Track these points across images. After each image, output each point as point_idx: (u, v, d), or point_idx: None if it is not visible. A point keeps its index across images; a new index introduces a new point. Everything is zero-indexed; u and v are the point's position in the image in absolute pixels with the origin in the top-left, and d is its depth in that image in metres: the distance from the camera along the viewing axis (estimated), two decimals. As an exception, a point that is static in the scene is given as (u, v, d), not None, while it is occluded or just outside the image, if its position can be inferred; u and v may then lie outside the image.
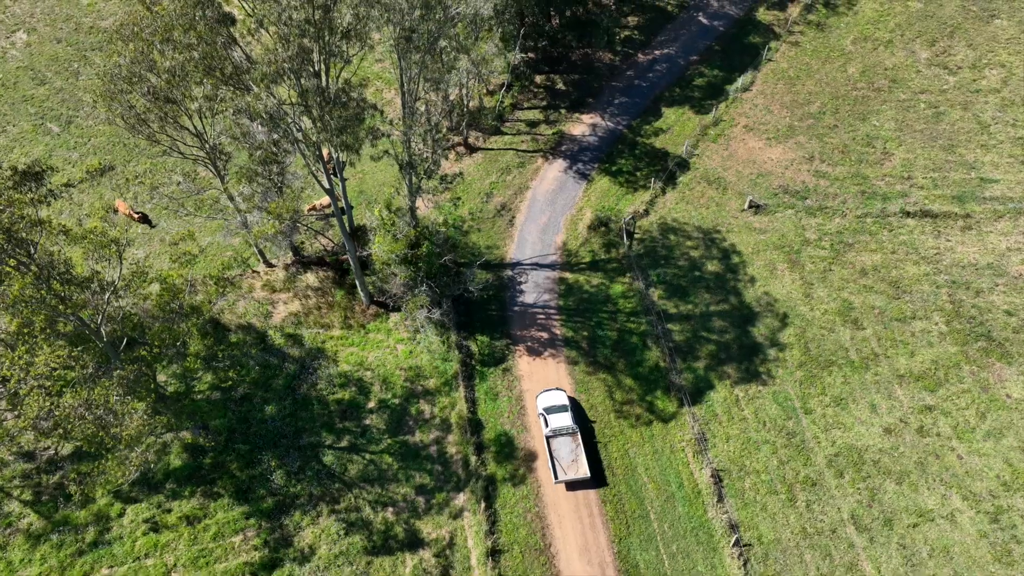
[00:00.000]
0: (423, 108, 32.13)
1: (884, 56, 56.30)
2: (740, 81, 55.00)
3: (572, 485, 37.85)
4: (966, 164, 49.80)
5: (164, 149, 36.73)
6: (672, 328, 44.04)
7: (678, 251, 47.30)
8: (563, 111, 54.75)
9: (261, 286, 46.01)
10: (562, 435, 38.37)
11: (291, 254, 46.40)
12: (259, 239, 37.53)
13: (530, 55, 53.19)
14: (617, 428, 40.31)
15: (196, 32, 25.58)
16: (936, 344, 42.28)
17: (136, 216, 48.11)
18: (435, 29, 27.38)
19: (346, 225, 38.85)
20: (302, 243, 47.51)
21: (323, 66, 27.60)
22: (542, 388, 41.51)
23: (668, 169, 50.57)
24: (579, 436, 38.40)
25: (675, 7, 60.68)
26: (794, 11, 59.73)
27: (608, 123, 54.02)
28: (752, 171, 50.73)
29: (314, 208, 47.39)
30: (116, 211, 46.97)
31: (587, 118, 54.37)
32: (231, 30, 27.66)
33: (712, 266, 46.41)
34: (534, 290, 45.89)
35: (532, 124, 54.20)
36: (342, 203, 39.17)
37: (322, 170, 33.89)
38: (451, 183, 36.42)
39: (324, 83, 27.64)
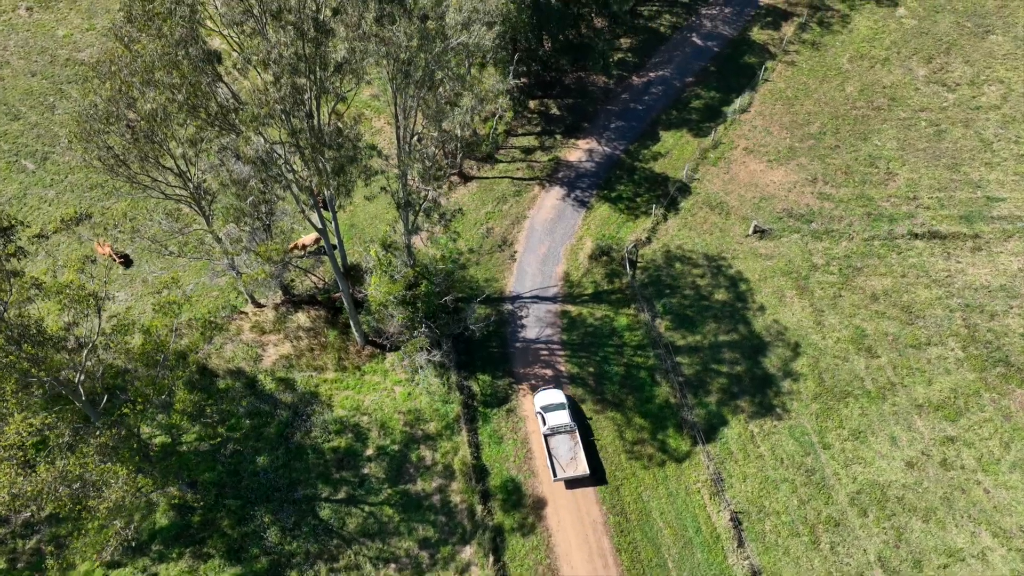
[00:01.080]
0: (419, 142, 30.42)
1: (882, 74, 55.48)
2: (738, 103, 53.90)
3: (571, 483, 37.51)
4: (971, 183, 48.83)
5: (145, 189, 34.67)
6: (681, 361, 42.37)
7: (683, 280, 45.77)
8: (558, 137, 53.32)
9: (250, 327, 43.87)
10: (560, 433, 38.20)
11: (280, 293, 44.34)
12: (249, 285, 35.52)
13: (523, 80, 51.77)
14: (629, 470, 38.44)
15: (179, 71, 23.78)
16: (953, 371, 40.91)
17: (116, 257, 45.93)
18: (433, 61, 25.75)
19: (339, 264, 36.95)
20: (292, 281, 45.49)
21: (315, 103, 25.87)
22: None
23: (669, 195, 49.16)
24: (577, 434, 38.16)
25: (668, 28, 59.67)
26: (788, 30, 58.91)
27: (605, 148, 52.63)
28: (755, 194, 49.45)
29: (298, 247, 45.27)
30: (95, 260, 44.67)
31: (583, 143, 52.97)
32: (217, 68, 25.89)
33: (719, 295, 44.90)
34: (536, 324, 44.11)
35: (527, 151, 52.71)
36: (334, 241, 37.28)
37: (314, 209, 32.03)
38: (451, 219, 34.71)
39: (317, 123, 25.87)
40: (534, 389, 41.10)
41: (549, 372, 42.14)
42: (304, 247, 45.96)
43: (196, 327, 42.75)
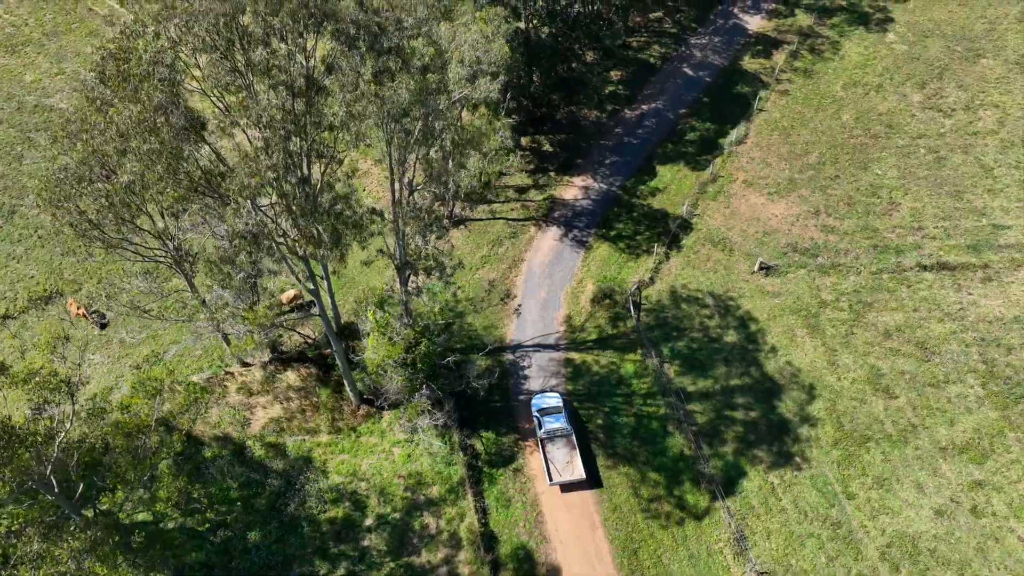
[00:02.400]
0: (414, 195, 28.39)
1: (877, 101, 54.67)
2: (734, 134, 52.70)
3: (568, 487, 37.13)
4: (976, 211, 47.85)
5: (121, 251, 32.25)
6: (693, 409, 40.48)
7: (690, 321, 44.03)
8: (552, 174, 51.66)
9: (236, 389, 41.30)
10: (557, 437, 38.11)
11: (268, 351, 41.86)
12: (238, 353, 33.13)
13: (514, 117, 50.15)
14: (647, 530, 36.29)
15: (159, 138, 21.65)
16: (975, 410, 39.44)
17: (90, 317, 43.25)
18: (435, 116, 23.83)
19: (332, 324, 34.71)
20: (280, 336, 43.04)
21: (308, 165, 23.82)
22: (557, 488, 37.50)
23: (671, 232, 47.56)
24: (574, 438, 38.06)
25: (658, 59, 58.55)
26: (780, 58, 58.06)
27: (601, 185, 51.04)
28: (757, 229, 48.03)
29: (283, 303, 42.80)
30: (66, 338, 41.73)
31: (578, 180, 51.35)
32: (202, 133, 23.79)
33: (728, 336, 43.19)
34: (539, 375, 42.03)
35: (520, 190, 50.95)
36: (327, 300, 35.06)
37: (308, 274, 29.81)
38: (451, 275, 32.69)
39: (312, 188, 23.84)
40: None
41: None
42: (290, 301, 43.57)
43: (179, 390, 40.16)
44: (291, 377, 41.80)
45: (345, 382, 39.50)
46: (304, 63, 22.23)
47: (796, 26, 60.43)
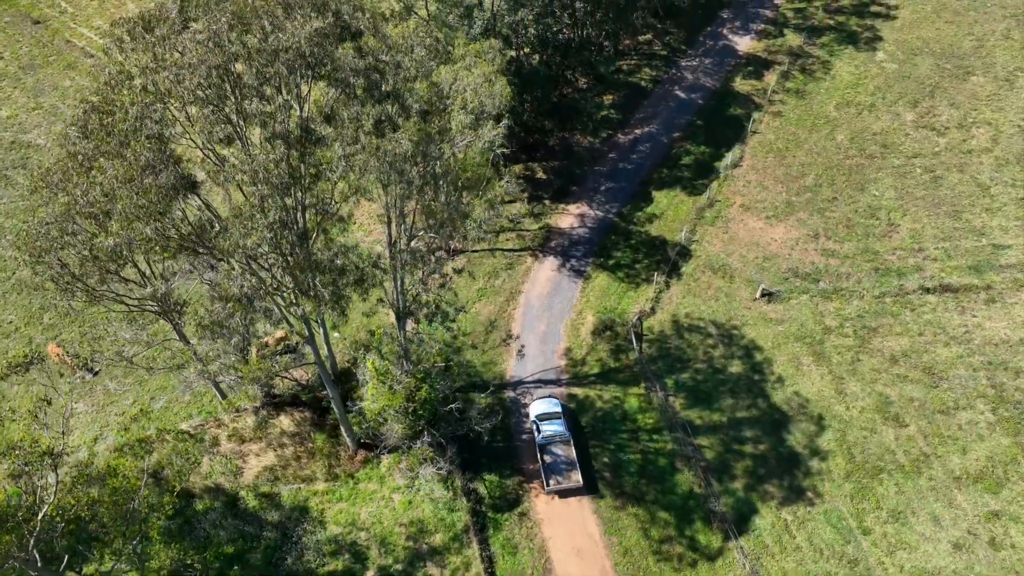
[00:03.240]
0: (411, 241, 27.17)
1: (870, 121, 54.36)
2: (729, 157, 52.11)
3: (565, 493, 37.05)
4: (975, 231, 47.44)
5: (106, 302, 30.77)
6: (701, 443, 39.43)
7: (693, 352, 43.08)
8: (547, 202, 50.73)
9: (227, 436, 39.72)
10: (555, 443, 37.89)
11: (260, 395, 40.34)
12: (231, 410, 31.71)
13: (506, 149, 49.19)
14: (659, 575, 35.04)
15: (147, 198, 20.34)
16: (987, 436, 38.71)
17: (70, 361, 41.56)
18: (436, 163, 22.80)
19: (328, 371, 33.36)
20: (271, 379, 41.51)
21: (305, 222, 22.60)
22: (565, 533, 36.25)
23: (670, 260, 46.69)
24: (572, 444, 37.86)
25: (649, 82, 57.99)
26: (771, 79, 57.69)
27: (597, 212, 50.16)
28: (757, 254, 47.30)
29: (270, 344, 41.36)
30: (48, 401, 39.96)
31: (574, 208, 50.45)
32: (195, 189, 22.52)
33: (733, 366, 42.26)
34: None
35: (515, 219, 49.91)
36: (322, 345, 33.73)
37: (302, 319, 28.46)
38: (454, 320, 31.51)
39: (310, 245, 22.65)
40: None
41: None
42: (279, 341, 42.10)
43: (168, 439, 38.58)
44: (284, 422, 40.29)
45: (342, 427, 38.07)
46: (301, 113, 21.11)
47: (786, 46, 60.19)
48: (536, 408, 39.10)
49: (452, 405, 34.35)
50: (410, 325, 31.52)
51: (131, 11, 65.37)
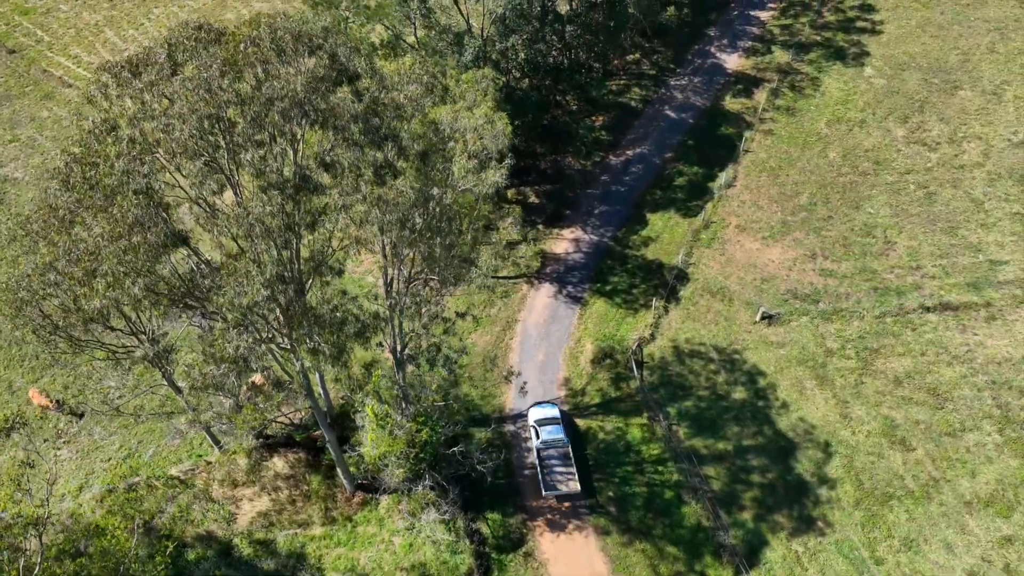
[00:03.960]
0: (411, 285, 26.19)
1: (861, 137, 54.21)
2: (723, 177, 51.67)
3: (563, 499, 37.01)
4: (971, 247, 47.21)
5: (92, 351, 29.45)
6: (707, 474, 38.58)
7: (695, 379, 42.32)
8: (540, 227, 49.94)
9: (219, 481, 38.29)
10: (553, 448, 37.64)
11: (252, 437, 38.99)
12: (227, 464, 30.41)
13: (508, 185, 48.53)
14: (670, 614, 34.07)
15: (135, 255, 19.17)
16: (995, 459, 38.19)
17: (56, 408, 40.02)
18: (445, 221, 21.91)
19: (325, 414, 32.17)
20: (266, 426, 40.16)
21: (301, 273, 21.59)
22: (572, 573, 35.20)
23: (668, 284, 46.01)
24: (570, 450, 37.68)
25: (639, 102, 57.56)
26: (761, 97, 57.46)
27: (591, 236, 49.44)
28: (755, 276, 46.74)
29: (256, 383, 39.98)
30: (30, 467, 38.37)
31: (568, 233, 49.69)
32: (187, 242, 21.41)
33: (737, 393, 41.53)
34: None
35: (509, 245, 48.97)
36: (317, 387, 32.55)
37: (300, 375, 27.30)
38: (456, 361, 30.51)
39: (309, 297, 21.65)
40: (552, 527, 36.64)
41: (565, 503, 37.72)
42: (263, 383, 40.70)
43: (158, 486, 37.20)
44: (278, 464, 38.95)
45: (338, 469, 36.82)
46: (296, 159, 20.11)
47: (774, 63, 60.06)
48: (535, 413, 38.95)
49: (455, 448, 33.25)
50: (410, 366, 30.53)
51: (109, 38, 64.15)
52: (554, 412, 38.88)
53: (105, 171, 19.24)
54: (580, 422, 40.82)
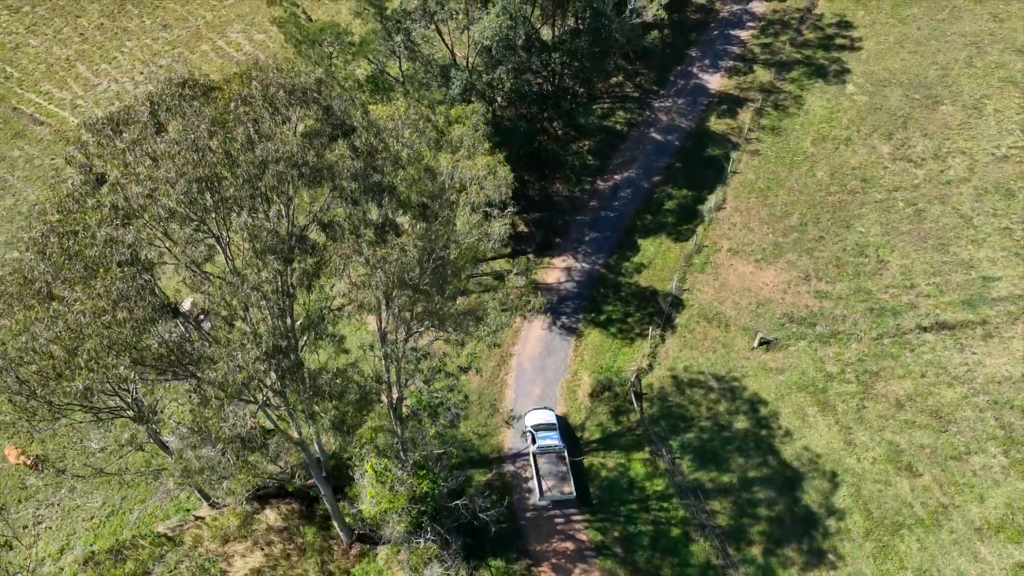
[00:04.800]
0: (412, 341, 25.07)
1: (848, 155, 54.13)
2: (712, 200, 51.23)
3: (557, 504, 37.15)
4: (963, 264, 47.08)
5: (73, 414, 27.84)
6: (714, 508, 37.69)
7: (696, 409, 41.52)
8: (531, 256, 48.93)
9: (209, 537, 36.63)
10: (549, 453, 37.86)
11: (245, 500, 37.37)
12: (222, 528, 28.89)
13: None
14: (684, 660, 33.00)
15: (120, 330, 17.85)
16: (1002, 482, 37.74)
17: (35, 467, 38.19)
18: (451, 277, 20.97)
19: (321, 469, 30.82)
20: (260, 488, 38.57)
21: (297, 340, 20.40)
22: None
23: (664, 312, 45.26)
24: (566, 455, 37.88)
25: (624, 125, 57.10)
26: (746, 117, 57.28)
27: (583, 264, 48.64)
28: (750, 300, 46.18)
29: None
30: (8, 549, 36.48)
31: (559, 261, 48.85)
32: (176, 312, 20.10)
33: (739, 423, 40.78)
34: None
35: (499, 276, 48.00)
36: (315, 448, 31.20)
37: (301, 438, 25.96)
38: (457, 415, 29.39)
39: (309, 363, 20.49)
40: (557, 572, 35.47)
41: (570, 545, 36.63)
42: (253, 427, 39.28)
43: (144, 544, 35.51)
44: (271, 516, 37.40)
45: (334, 520, 35.38)
46: (290, 223, 19.00)
47: (757, 83, 59.99)
48: (532, 418, 39.14)
49: (458, 501, 32.05)
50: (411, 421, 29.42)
51: (81, 73, 62.52)
52: (551, 417, 39.15)
53: (86, 241, 17.92)
54: (582, 459, 39.76)
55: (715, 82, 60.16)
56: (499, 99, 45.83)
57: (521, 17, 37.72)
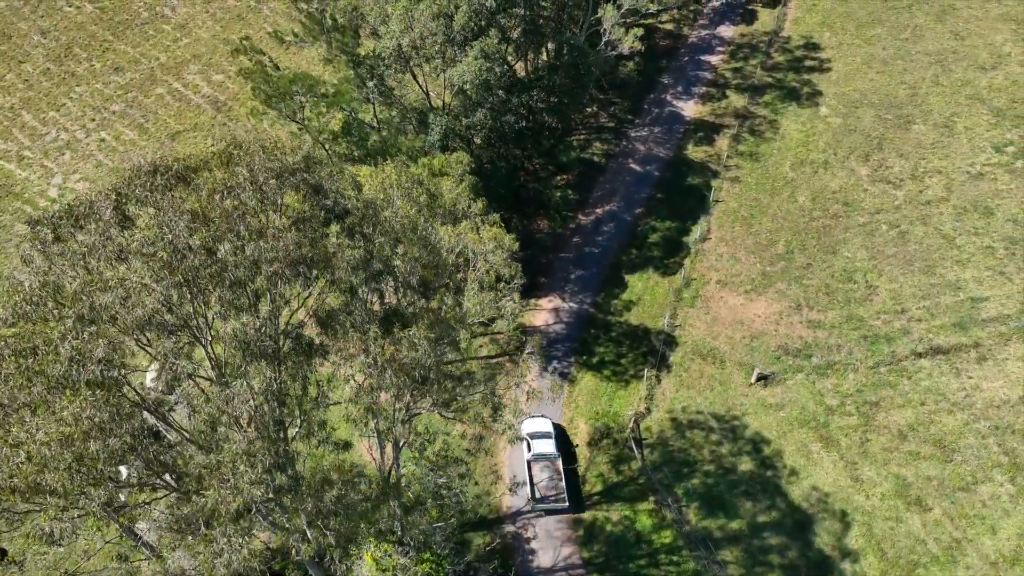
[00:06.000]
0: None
1: (827, 179, 53.85)
2: (697, 231, 50.32)
3: (550, 512, 37.25)
4: (951, 285, 46.85)
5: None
6: (725, 558, 36.25)
7: (699, 452, 40.18)
8: (517, 299, 47.24)
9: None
10: (544, 461, 38.17)
11: None
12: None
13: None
14: None
15: (93, 466, 15.55)
16: (1012, 511, 37.11)
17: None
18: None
19: (315, 563, 28.48)
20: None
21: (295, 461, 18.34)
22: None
23: (658, 352, 43.95)
24: (560, 463, 38.16)
25: (602, 156, 56.05)
26: (723, 143, 56.72)
27: (571, 304, 47.17)
28: (743, 334, 45.19)
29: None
30: None
31: (546, 302, 47.30)
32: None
33: (743, 464, 39.55)
34: (549, 545, 36.85)
35: (486, 322, 46.21)
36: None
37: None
38: (470, 509, 27.44)
39: (312, 482, 18.42)
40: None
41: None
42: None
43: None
44: (257, 600, 34.69)
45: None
46: (288, 321, 17.09)
47: (731, 108, 59.60)
48: (528, 426, 39.39)
49: (464, 582, 30.01)
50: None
51: (27, 122, 59.27)
52: (547, 426, 39.43)
53: (47, 360, 15.51)
54: (585, 514, 38.08)
55: (689, 109, 59.61)
56: (477, 140, 44.36)
57: (499, 58, 36.37)
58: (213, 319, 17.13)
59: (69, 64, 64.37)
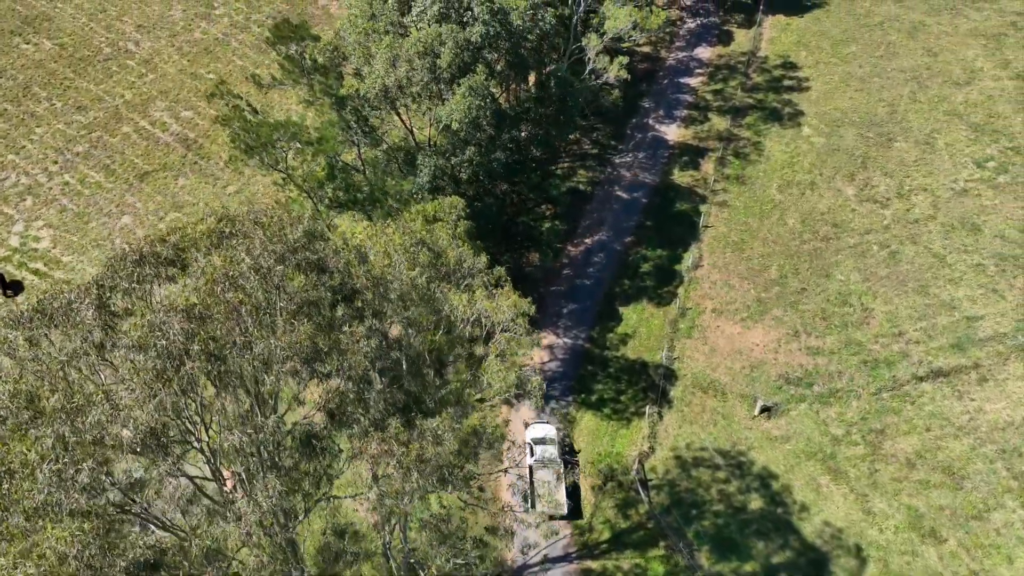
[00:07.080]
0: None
1: (815, 200, 53.49)
2: (689, 259, 49.47)
3: (550, 516, 36.90)
4: (946, 304, 46.55)
5: None
6: (741, 605, 34.98)
7: (707, 492, 38.99)
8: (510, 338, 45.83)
9: None
10: (545, 467, 38.12)
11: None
12: None
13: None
14: None
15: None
16: (1026, 538, 36.44)
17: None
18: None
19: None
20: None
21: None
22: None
23: (659, 388, 42.77)
24: (562, 470, 37.83)
25: (587, 184, 55.10)
26: (709, 167, 56.16)
27: (565, 340, 45.86)
28: (743, 364, 44.28)
29: None
30: None
31: (540, 339, 45.87)
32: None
33: (753, 502, 38.44)
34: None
35: (478, 361, 44.64)
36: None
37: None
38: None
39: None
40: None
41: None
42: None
43: None
44: None
45: None
46: (297, 422, 15.46)
47: (714, 131, 59.15)
48: (532, 432, 39.51)
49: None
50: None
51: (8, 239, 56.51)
52: (551, 432, 39.42)
53: (22, 489, 13.50)
54: (593, 564, 36.59)
55: (673, 133, 59.03)
56: (464, 175, 43.06)
57: (487, 93, 35.16)
58: (211, 424, 15.46)
59: (28, 104, 61.69)
